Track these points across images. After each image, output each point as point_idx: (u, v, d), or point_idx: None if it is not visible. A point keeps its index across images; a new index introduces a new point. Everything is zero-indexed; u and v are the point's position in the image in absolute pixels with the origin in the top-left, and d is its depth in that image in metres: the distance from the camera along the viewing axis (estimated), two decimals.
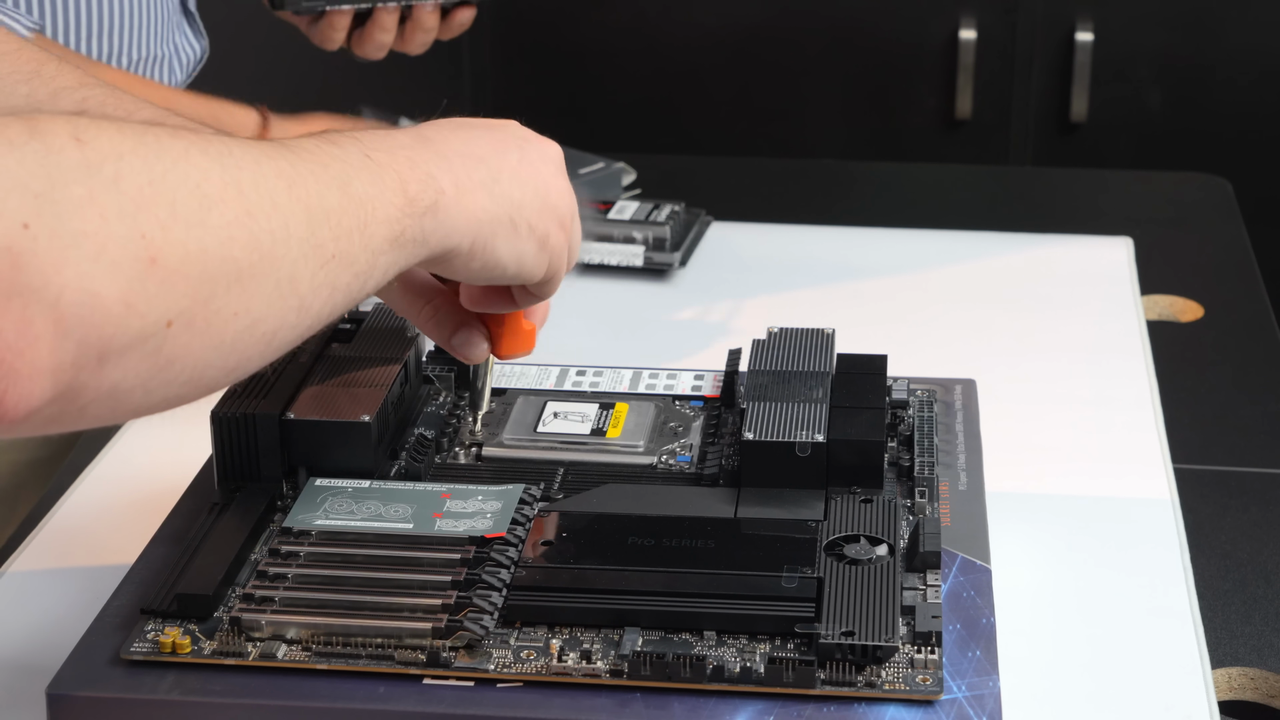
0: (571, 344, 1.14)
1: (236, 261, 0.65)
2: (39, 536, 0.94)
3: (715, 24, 2.30)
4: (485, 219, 0.77)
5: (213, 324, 0.65)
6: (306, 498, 0.83)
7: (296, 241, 0.68)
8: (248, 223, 0.66)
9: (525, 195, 0.79)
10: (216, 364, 0.66)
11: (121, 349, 0.62)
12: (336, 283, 0.70)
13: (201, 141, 0.66)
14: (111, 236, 0.61)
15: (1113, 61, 2.24)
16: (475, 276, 0.79)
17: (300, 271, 0.68)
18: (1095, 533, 0.93)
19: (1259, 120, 2.24)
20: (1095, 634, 0.84)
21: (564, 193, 0.82)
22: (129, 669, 0.74)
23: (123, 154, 0.63)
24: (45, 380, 0.60)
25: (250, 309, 0.66)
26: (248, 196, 0.66)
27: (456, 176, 0.76)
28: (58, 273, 0.59)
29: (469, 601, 0.76)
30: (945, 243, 1.35)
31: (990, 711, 0.72)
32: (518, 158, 0.80)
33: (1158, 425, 1.05)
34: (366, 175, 0.73)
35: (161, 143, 0.65)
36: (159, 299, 0.63)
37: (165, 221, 0.63)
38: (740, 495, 0.84)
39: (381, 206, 0.72)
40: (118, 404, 0.64)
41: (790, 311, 1.21)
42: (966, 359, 1.14)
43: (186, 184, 0.64)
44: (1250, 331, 1.26)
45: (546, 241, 0.80)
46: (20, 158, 0.60)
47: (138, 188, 0.62)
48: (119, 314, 0.61)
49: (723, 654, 0.74)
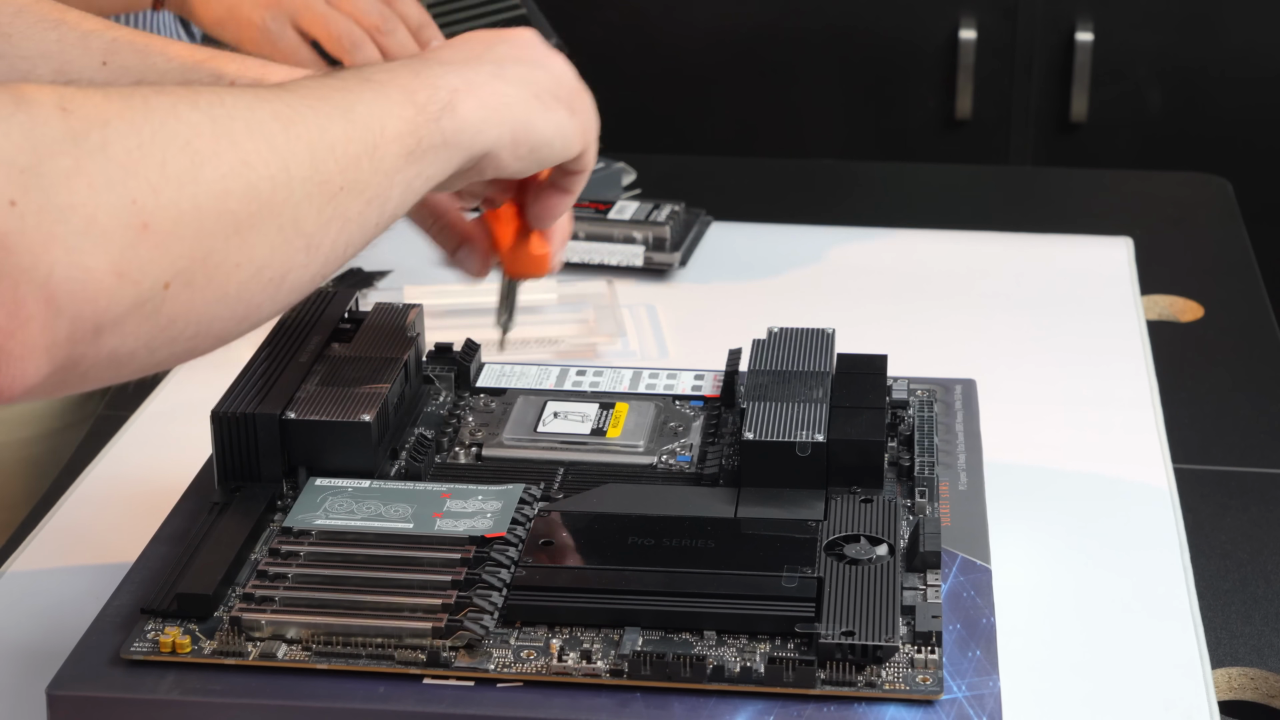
0: (571, 343, 1.15)
1: (234, 214, 0.64)
2: (39, 536, 0.94)
3: (715, 24, 2.29)
4: (513, 103, 0.77)
5: (214, 278, 0.64)
6: (306, 498, 0.83)
7: (299, 182, 0.67)
8: (244, 172, 0.65)
9: (534, 73, 0.79)
10: (224, 315, 0.66)
11: (117, 318, 0.61)
12: (348, 214, 0.69)
13: (191, 95, 0.65)
14: (101, 206, 0.60)
15: (1113, 61, 2.24)
16: (527, 162, 0.78)
17: (304, 212, 0.67)
18: (1095, 533, 0.93)
19: (1259, 120, 2.24)
20: (1095, 634, 0.84)
21: (562, 63, 0.82)
22: (129, 669, 0.74)
23: (109, 119, 0.62)
24: (40, 358, 0.60)
25: (253, 258, 0.65)
26: (242, 146, 0.65)
27: (464, 75, 0.75)
28: (46, 250, 0.59)
29: (469, 601, 0.76)
30: (945, 243, 1.35)
31: (990, 711, 0.72)
32: (505, 47, 0.80)
33: (1158, 425, 1.05)
34: (369, 96, 0.71)
35: (149, 103, 0.63)
36: (154, 264, 0.62)
37: (156, 184, 0.62)
38: (740, 495, 0.84)
39: (391, 123, 0.71)
40: (120, 366, 0.64)
41: (790, 311, 1.21)
42: (966, 359, 1.14)
43: (176, 142, 0.63)
44: (1250, 331, 1.26)
45: (573, 107, 0.80)
46: (6, 131, 0.59)
47: (126, 152, 0.61)
48: (112, 285, 0.60)
49: (723, 654, 0.74)
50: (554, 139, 0.79)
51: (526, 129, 0.77)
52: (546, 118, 0.78)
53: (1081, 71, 2.23)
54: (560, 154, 0.80)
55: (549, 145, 0.79)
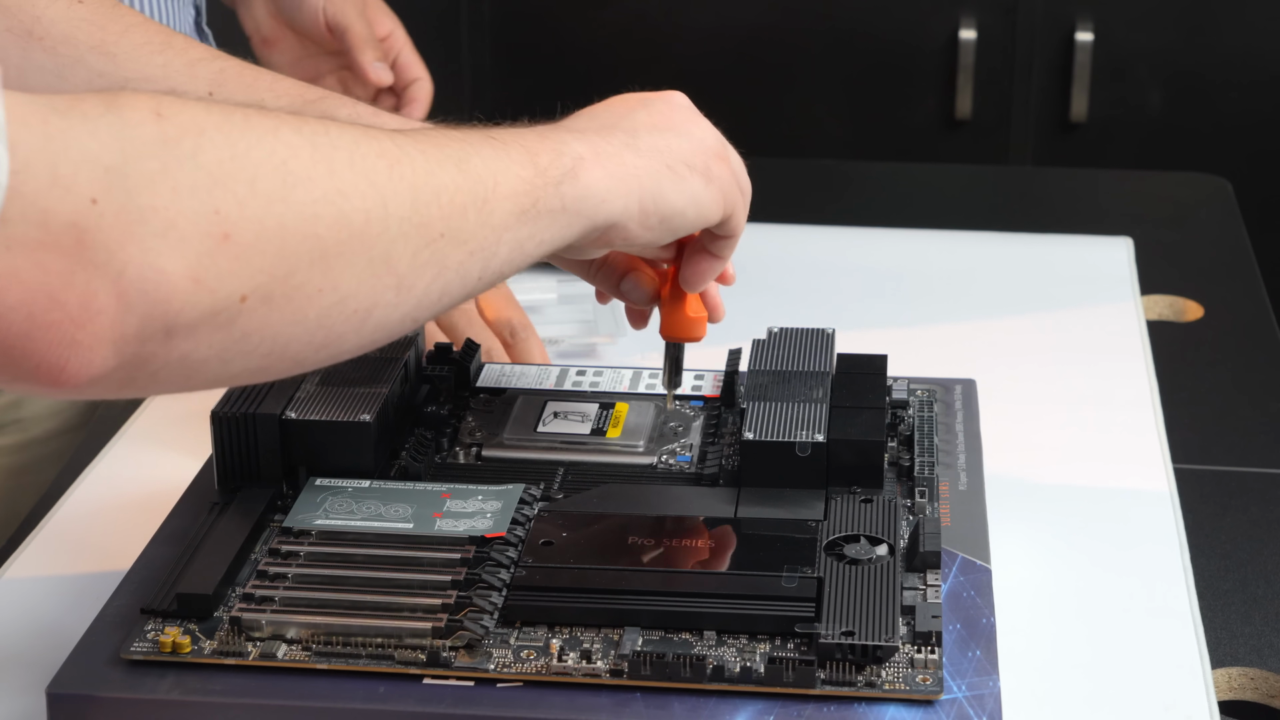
0: (571, 343, 1.14)
1: (321, 239, 0.64)
2: (39, 536, 0.94)
3: (715, 24, 2.29)
4: (642, 174, 0.76)
5: (293, 299, 0.64)
6: (306, 498, 0.83)
7: (396, 220, 0.67)
8: (337, 200, 0.65)
9: (669, 141, 0.79)
10: (301, 339, 0.66)
11: (190, 322, 0.62)
12: (446, 261, 0.69)
13: (296, 121, 0.66)
14: (182, 212, 0.61)
15: (1113, 61, 2.24)
16: (659, 234, 0.78)
17: (398, 250, 0.67)
18: (1095, 533, 0.93)
19: (1259, 121, 2.24)
20: (1095, 634, 0.84)
21: (706, 128, 0.82)
22: (129, 669, 0.74)
23: (204, 129, 0.62)
24: (107, 350, 0.61)
25: (337, 286, 0.65)
26: (340, 175, 0.65)
27: (592, 144, 0.75)
28: (122, 248, 0.59)
29: (469, 601, 0.76)
30: (945, 243, 1.35)
31: (990, 711, 0.72)
32: (645, 114, 0.80)
33: (1158, 425, 1.05)
34: (488, 151, 0.72)
35: (249, 120, 0.64)
36: (232, 275, 0.62)
37: (243, 198, 0.62)
38: (740, 495, 0.84)
39: (506, 180, 0.71)
40: (192, 372, 0.64)
41: (790, 311, 1.21)
42: (966, 359, 1.14)
43: (271, 160, 0.64)
44: (1250, 331, 1.26)
45: (710, 174, 0.79)
46: (93, 130, 0.60)
47: (217, 162, 0.62)
48: (186, 289, 0.61)
49: (723, 654, 0.74)
50: (686, 209, 0.78)
51: (655, 200, 0.77)
52: (678, 187, 0.78)
53: (1081, 71, 2.23)
54: (695, 223, 0.79)
55: (681, 215, 0.78)
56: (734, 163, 0.83)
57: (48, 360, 0.60)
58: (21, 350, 0.59)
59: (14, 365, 0.60)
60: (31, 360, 0.60)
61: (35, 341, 0.59)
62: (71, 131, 0.59)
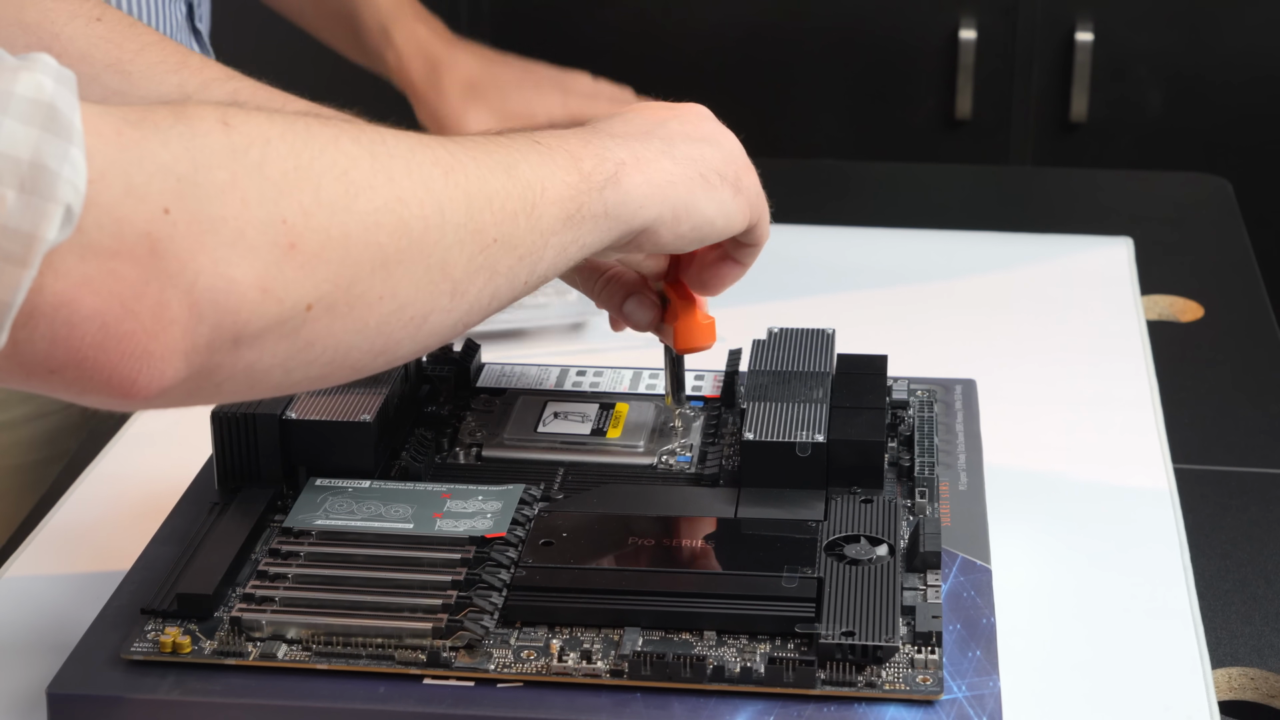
0: (571, 343, 1.14)
1: (382, 247, 0.65)
2: (39, 536, 0.94)
3: (715, 24, 2.29)
4: (677, 180, 0.77)
5: (356, 307, 0.65)
6: (306, 498, 0.83)
7: (452, 227, 0.68)
8: (397, 208, 0.66)
9: (702, 151, 0.79)
10: (361, 346, 0.66)
11: (258, 332, 0.62)
12: (497, 267, 0.70)
13: (353, 130, 0.66)
14: (251, 221, 0.61)
15: (1113, 61, 2.24)
16: (687, 240, 0.79)
17: (454, 256, 0.68)
18: (1095, 533, 0.93)
19: (1259, 121, 2.24)
20: (1095, 634, 0.84)
21: (732, 139, 0.82)
22: (129, 669, 0.74)
23: (270, 139, 0.63)
24: (179, 361, 0.61)
25: (397, 293, 0.66)
26: (399, 183, 0.66)
27: (632, 149, 0.76)
28: (194, 258, 0.60)
29: (469, 601, 0.76)
30: (945, 243, 1.35)
31: (990, 711, 0.72)
32: (678, 123, 0.81)
33: (1158, 425, 1.05)
34: (535, 157, 0.72)
35: (311, 129, 0.65)
36: (298, 283, 0.63)
37: (308, 207, 0.63)
38: (740, 495, 0.84)
39: (553, 186, 0.72)
40: (255, 382, 0.65)
41: (790, 311, 1.21)
42: (966, 359, 1.14)
43: (334, 170, 0.64)
44: (1250, 331, 1.26)
45: (740, 184, 0.81)
46: (165, 140, 0.60)
47: (282, 173, 0.63)
48: (255, 298, 0.62)
49: (723, 654, 0.74)
50: (716, 218, 0.79)
51: (688, 208, 0.78)
52: (710, 196, 0.79)
53: (1081, 71, 2.23)
54: (721, 232, 0.80)
55: (710, 224, 0.79)
56: (755, 175, 0.84)
57: (120, 372, 0.60)
58: (94, 362, 0.60)
59: (87, 378, 0.60)
60: (104, 372, 0.60)
61: (109, 353, 0.60)
62: (145, 142, 0.60)
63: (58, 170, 0.57)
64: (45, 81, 0.58)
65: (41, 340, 0.59)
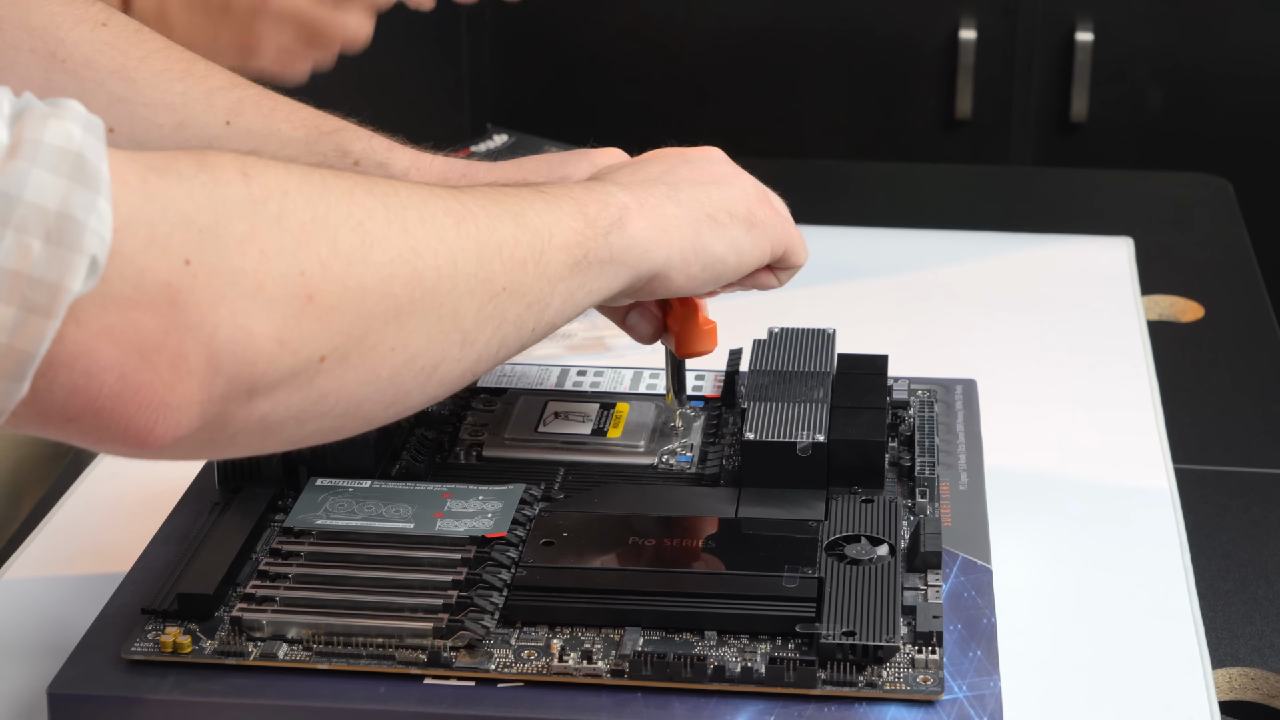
0: (583, 337, 1.14)
1: (396, 298, 0.65)
2: (39, 536, 0.94)
3: (715, 24, 2.29)
4: (683, 224, 0.78)
5: (368, 359, 0.65)
6: (307, 497, 0.83)
7: (464, 277, 0.68)
8: (411, 259, 0.66)
9: (709, 192, 0.80)
10: (373, 398, 0.67)
11: (272, 384, 0.63)
12: (505, 315, 0.70)
13: (367, 182, 0.67)
14: (270, 274, 0.62)
15: (1113, 61, 2.24)
16: (701, 281, 0.79)
17: (465, 306, 0.68)
18: (1095, 533, 0.93)
19: (1259, 120, 2.24)
20: (1095, 634, 0.84)
21: (745, 178, 0.83)
22: (130, 669, 0.74)
23: (288, 190, 0.63)
24: (194, 411, 0.61)
25: (408, 344, 0.66)
26: (413, 234, 0.66)
27: (636, 195, 0.77)
28: (214, 310, 0.60)
29: (470, 601, 0.76)
30: (945, 243, 1.35)
31: (991, 711, 0.72)
32: (686, 169, 0.81)
33: (1158, 425, 1.05)
34: (541, 205, 0.73)
35: (326, 182, 0.65)
36: (313, 336, 0.63)
37: (325, 259, 0.63)
38: (741, 495, 0.84)
39: (560, 233, 0.72)
40: (269, 434, 0.65)
41: (790, 311, 1.21)
42: (966, 359, 1.14)
43: (349, 221, 0.64)
44: (1250, 331, 1.26)
45: (754, 220, 0.81)
46: (189, 190, 0.61)
47: (300, 224, 0.63)
48: (272, 351, 0.62)
49: (723, 654, 0.74)
50: (727, 255, 0.79)
51: (696, 249, 0.78)
52: (719, 235, 0.79)
53: (1081, 71, 2.23)
54: (736, 269, 0.81)
55: (722, 262, 0.79)
56: (778, 204, 0.84)
57: (137, 422, 0.60)
58: (111, 411, 0.60)
59: (103, 427, 0.61)
60: (121, 422, 0.60)
61: (125, 403, 0.60)
62: (169, 192, 0.60)
63: (84, 221, 0.57)
64: (74, 130, 0.58)
65: (60, 389, 0.59)
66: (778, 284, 0.86)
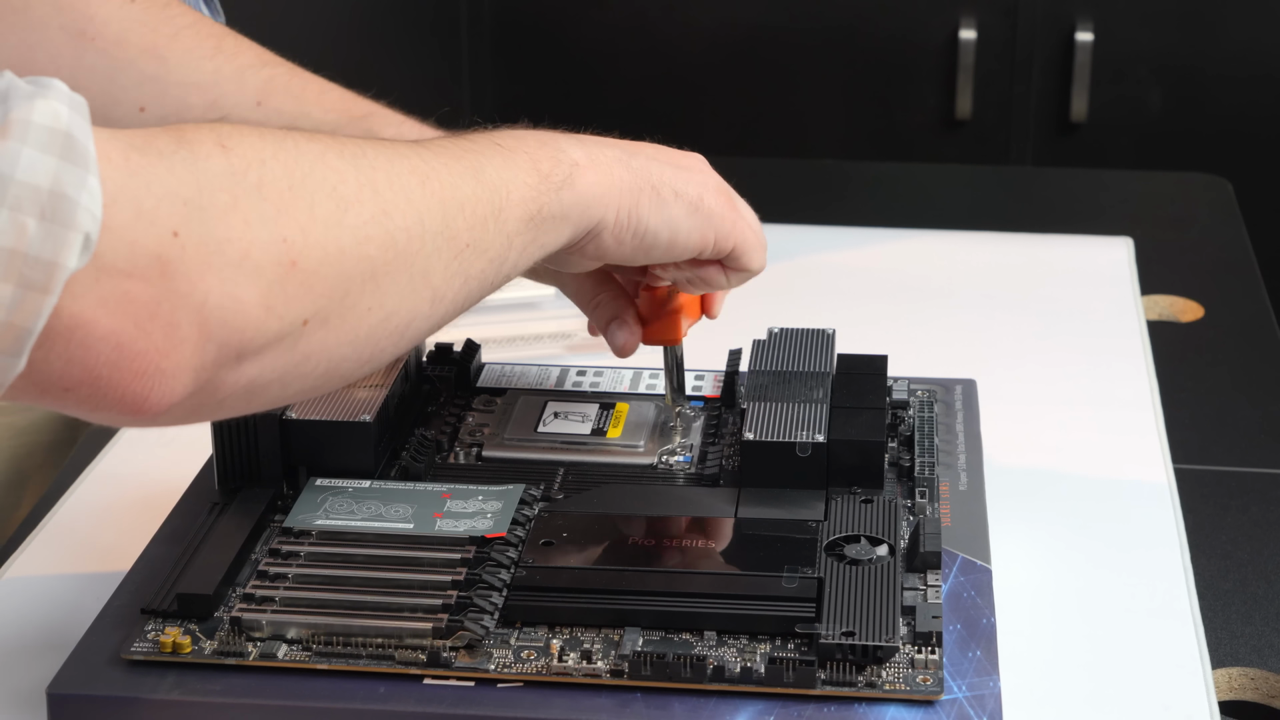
0: (582, 337, 1.14)
1: (372, 260, 0.67)
2: (39, 536, 0.94)
3: (715, 24, 2.29)
4: (625, 188, 0.78)
5: (347, 320, 0.67)
6: (307, 498, 0.83)
7: (431, 235, 0.69)
8: (383, 221, 0.68)
9: (663, 169, 0.80)
10: (351, 357, 0.68)
11: (259, 348, 0.64)
12: (470, 271, 0.72)
13: (337, 144, 0.68)
14: (255, 242, 0.63)
15: (1113, 61, 2.24)
16: (631, 250, 0.79)
17: (434, 264, 0.70)
18: (1095, 533, 0.93)
19: (1259, 120, 2.24)
20: (1095, 634, 0.84)
21: (712, 175, 0.83)
22: (129, 669, 0.74)
23: (265, 160, 0.65)
24: (187, 378, 0.63)
25: (384, 304, 0.68)
26: (383, 195, 0.68)
27: (588, 150, 0.77)
28: (203, 278, 0.62)
29: (469, 601, 0.76)
30: (945, 243, 1.35)
31: (991, 711, 0.72)
32: (652, 149, 0.82)
33: (1158, 425, 1.05)
34: (498, 160, 0.74)
35: (300, 147, 0.66)
36: (297, 300, 0.64)
37: (305, 225, 0.65)
38: (740, 495, 0.84)
39: (516, 188, 0.73)
40: (254, 396, 0.66)
41: (790, 311, 1.21)
42: (966, 359, 1.14)
43: (324, 187, 0.66)
44: (1250, 331, 1.26)
45: (701, 206, 0.80)
46: (170, 165, 0.62)
47: (279, 192, 0.64)
48: (259, 316, 0.63)
49: (723, 654, 0.74)
50: (660, 230, 0.79)
51: (631, 215, 0.78)
52: (658, 209, 0.79)
53: (1081, 71, 2.23)
54: (669, 247, 0.80)
55: (654, 235, 0.79)
56: (741, 206, 0.84)
57: (133, 390, 0.62)
58: (108, 380, 0.61)
59: (100, 396, 0.62)
60: (117, 390, 0.62)
61: (122, 371, 0.61)
62: (151, 167, 0.61)
63: (76, 198, 0.58)
64: (60, 109, 0.59)
65: (57, 360, 0.60)
66: (726, 284, 0.85)
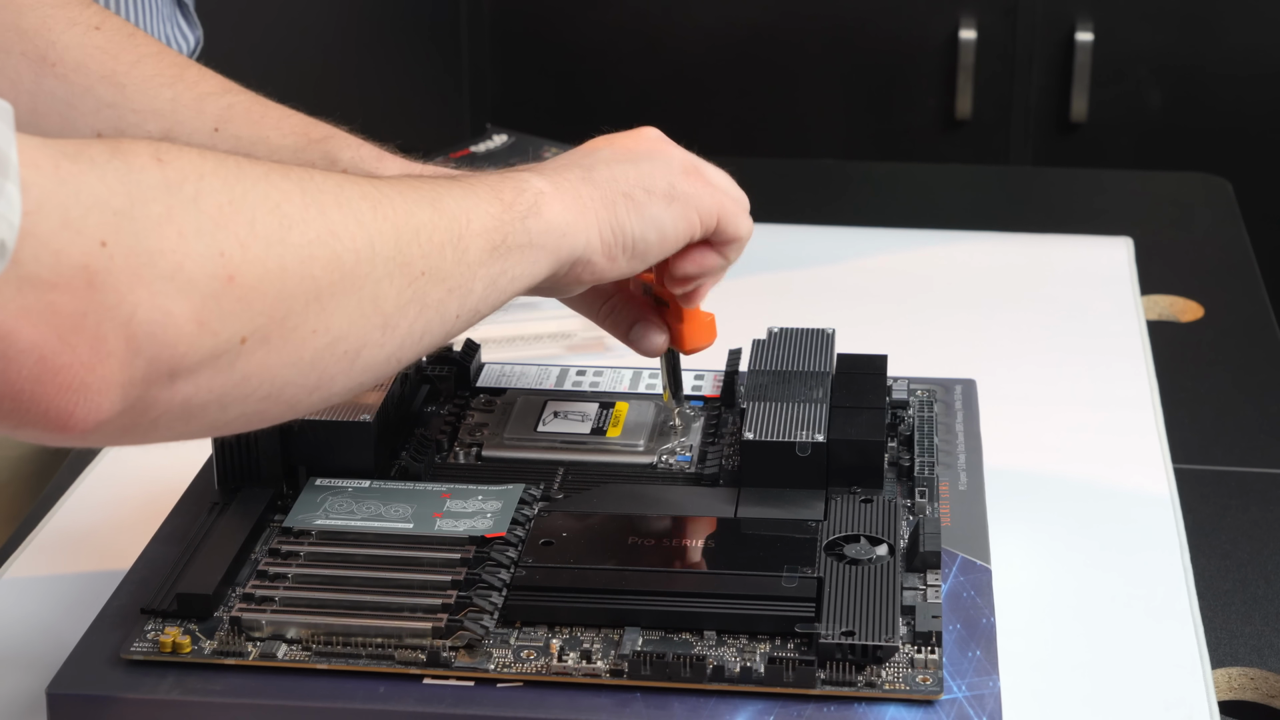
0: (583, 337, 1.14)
1: (316, 280, 0.66)
2: (39, 536, 0.94)
3: (715, 24, 2.29)
4: (599, 205, 0.77)
5: (290, 340, 0.65)
6: (306, 497, 0.83)
7: (382, 260, 0.68)
8: (330, 241, 0.66)
9: (625, 170, 0.79)
10: (296, 381, 0.67)
11: (193, 366, 0.62)
12: (426, 299, 0.70)
13: (282, 167, 0.67)
14: (189, 254, 0.62)
15: (1113, 61, 2.24)
16: (626, 263, 0.79)
17: (384, 289, 0.68)
18: (1095, 533, 0.93)
19: (1259, 120, 2.24)
20: (1095, 634, 0.84)
21: (673, 151, 0.82)
22: (129, 669, 0.74)
23: (203, 174, 0.63)
24: (115, 394, 0.61)
25: (330, 327, 0.67)
26: (330, 216, 0.67)
27: (551, 179, 0.77)
28: (131, 291, 0.60)
29: (469, 601, 0.76)
30: (945, 243, 1.35)
31: (990, 711, 0.72)
32: (608, 150, 0.81)
33: (1158, 425, 1.05)
34: (458, 191, 0.73)
35: (241, 166, 0.65)
36: (234, 317, 0.63)
37: (244, 240, 0.63)
38: (740, 495, 0.84)
39: (477, 218, 0.73)
40: (191, 418, 0.65)
41: (790, 311, 1.21)
42: (966, 359, 1.14)
43: (266, 203, 0.65)
44: (1250, 331, 1.26)
45: (674, 194, 0.80)
46: (101, 175, 0.61)
47: (217, 206, 0.63)
48: (191, 332, 0.62)
49: (723, 654, 0.74)
50: (648, 233, 0.79)
51: (615, 229, 0.78)
52: (636, 213, 0.78)
53: (1081, 71, 2.23)
54: (661, 246, 0.80)
55: (644, 240, 0.79)
56: (711, 175, 0.83)
57: (56, 405, 0.60)
58: (31, 395, 0.60)
59: (22, 411, 0.60)
60: (40, 405, 0.60)
61: (45, 385, 0.60)
62: (81, 176, 0.60)
63: None
64: None
65: None
66: (724, 263, 0.84)
